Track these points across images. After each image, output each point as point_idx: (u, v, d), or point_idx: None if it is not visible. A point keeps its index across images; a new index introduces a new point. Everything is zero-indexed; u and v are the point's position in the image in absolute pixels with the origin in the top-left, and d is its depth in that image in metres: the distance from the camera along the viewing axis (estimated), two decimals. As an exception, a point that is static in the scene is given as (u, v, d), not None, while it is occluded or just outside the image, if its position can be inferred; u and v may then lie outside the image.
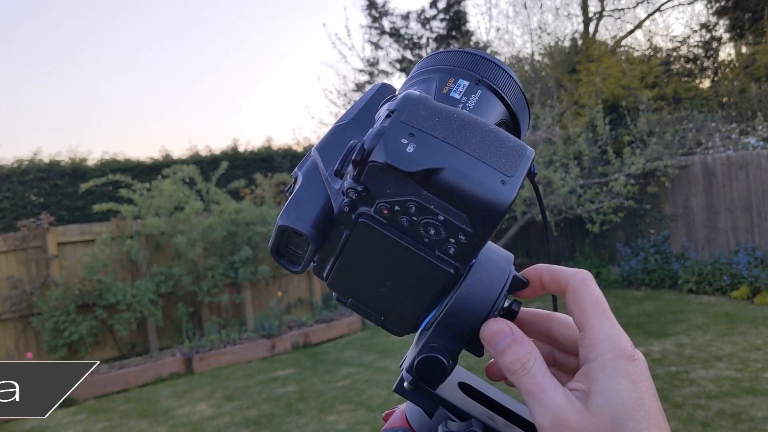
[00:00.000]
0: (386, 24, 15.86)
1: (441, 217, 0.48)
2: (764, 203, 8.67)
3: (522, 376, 0.50)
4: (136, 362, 7.16)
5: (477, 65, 0.59)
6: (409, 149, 0.48)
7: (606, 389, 0.48)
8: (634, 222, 10.03)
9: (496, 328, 0.52)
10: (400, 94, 0.54)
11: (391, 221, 0.50)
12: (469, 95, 0.57)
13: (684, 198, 9.56)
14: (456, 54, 0.61)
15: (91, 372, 6.72)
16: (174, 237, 7.94)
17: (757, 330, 6.61)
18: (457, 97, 0.57)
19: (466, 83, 0.58)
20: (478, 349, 0.55)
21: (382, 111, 0.52)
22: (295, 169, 0.58)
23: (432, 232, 0.49)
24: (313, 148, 0.58)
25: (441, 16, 15.84)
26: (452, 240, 0.49)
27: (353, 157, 0.49)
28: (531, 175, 0.51)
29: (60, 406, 6.27)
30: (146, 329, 7.94)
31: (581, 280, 0.54)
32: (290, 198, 0.55)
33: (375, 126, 0.50)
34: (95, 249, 7.62)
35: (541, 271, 0.57)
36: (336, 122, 0.59)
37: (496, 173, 0.48)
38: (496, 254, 0.57)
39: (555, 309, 0.57)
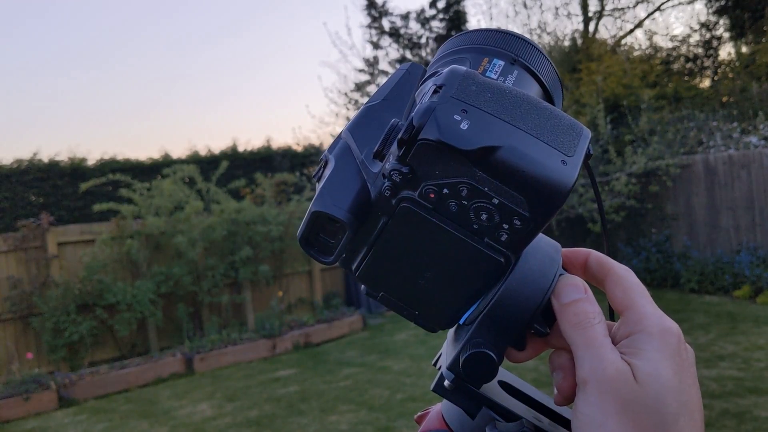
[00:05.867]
0: (386, 24, 15.82)
1: (496, 201, 0.45)
2: (766, 202, 8.65)
3: (585, 328, 0.48)
4: (136, 362, 7.12)
5: (510, 44, 0.56)
6: (463, 126, 0.44)
7: (653, 361, 0.46)
8: (635, 221, 10.01)
9: (571, 282, 0.51)
10: (441, 71, 0.50)
11: (438, 206, 0.47)
12: (506, 75, 0.54)
13: (686, 197, 9.54)
14: (487, 33, 0.57)
15: (90, 372, 6.70)
16: (174, 237, 7.91)
17: (760, 329, 6.59)
18: (494, 77, 0.53)
19: (502, 63, 0.55)
20: (520, 341, 0.52)
21: (427, 87, 0.49)
22: (325, 152, 0.55)
23: (484, 216, 0.46)
24: (343, 130, 0.55)
25: (441, 15, 15.81)
26: (506, 225, 0.46)
27: (400, 136, 0.45)
28: (587, 156, 0.48)
29: (60, 406, 6.25)
30: (146, 329, 7.91)
31: (626, 269, 0.52)
32: (323, 182, 0.51)
33: (422, 102, 0.47)
34: (95, 249, 7.60)
35: (587, 252, 0.55)
36: (366, 103, 0.56)
37: (556, 153, 0.45)
38: (544, 242, 0.53)
39: (611, 318, 0.54)
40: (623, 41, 15.18)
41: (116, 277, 7.67)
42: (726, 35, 15.46)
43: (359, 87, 15.39)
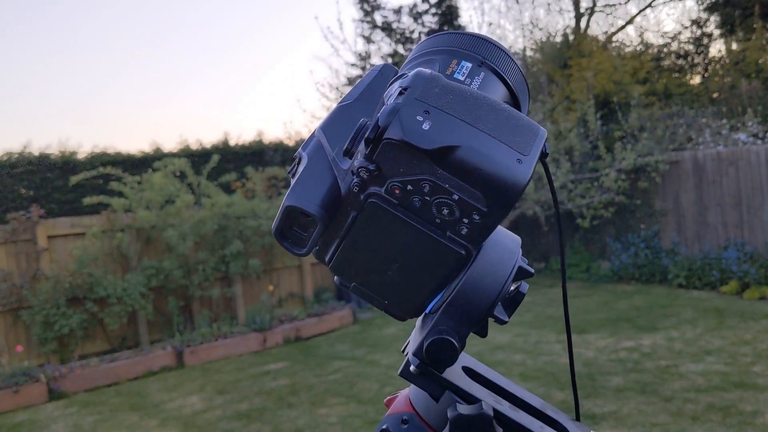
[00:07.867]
0: (378, 18, 15.80)
1: (456, 196, 0.48)
2: (754, 199, 8.72)
3: None
4: (126, 356, 7.12)
5: (479, 47, 0.58)
6: (425, 126, 0.47)
7: None
8: (624, 217, 10.08)
9: None
10: (408, 73, 0.53)
11: (403, 201, 0.49)
12: (473, 77, 0.56)
13: (674, 193, 9.60)
14: (457, 36, 0.60)
15: (80, 365, 6.70)
16: (165, 230, 7.90)
17: (746, 324, 6.66)
18: (461, 78, 0.56)
19: (470, 65, 0.57)
20: (483, 329, 0.55)
21: (394, 89, 0.51)
22: (299, 149, 0.57)
23: (445, 212, 0.49)
24: (317, 128, 0.57)
25: (433, 10, 15.79)
26: (465, 220, 0.49)
27: (366, 135, 0.48)
28: (543, 155, 0.51)
29: (50, 399, 6.26)
30: (137, 323, 7.91)
31: None
32: (296, 178, 0.54)
33: (388, 103, 0.49)
34: (86, 242, 7.58)
35: None
36: (339, 102, 0.58)
37: (512, 152, 0.48)
38: (504, 236, 0.56)
39: (564, 291, 0.57)
40: (614, 38, 15.24)
41: (106, 271, 7.67)
42: (716, 32, 15.53)
43: (351, 81, 15.37)
